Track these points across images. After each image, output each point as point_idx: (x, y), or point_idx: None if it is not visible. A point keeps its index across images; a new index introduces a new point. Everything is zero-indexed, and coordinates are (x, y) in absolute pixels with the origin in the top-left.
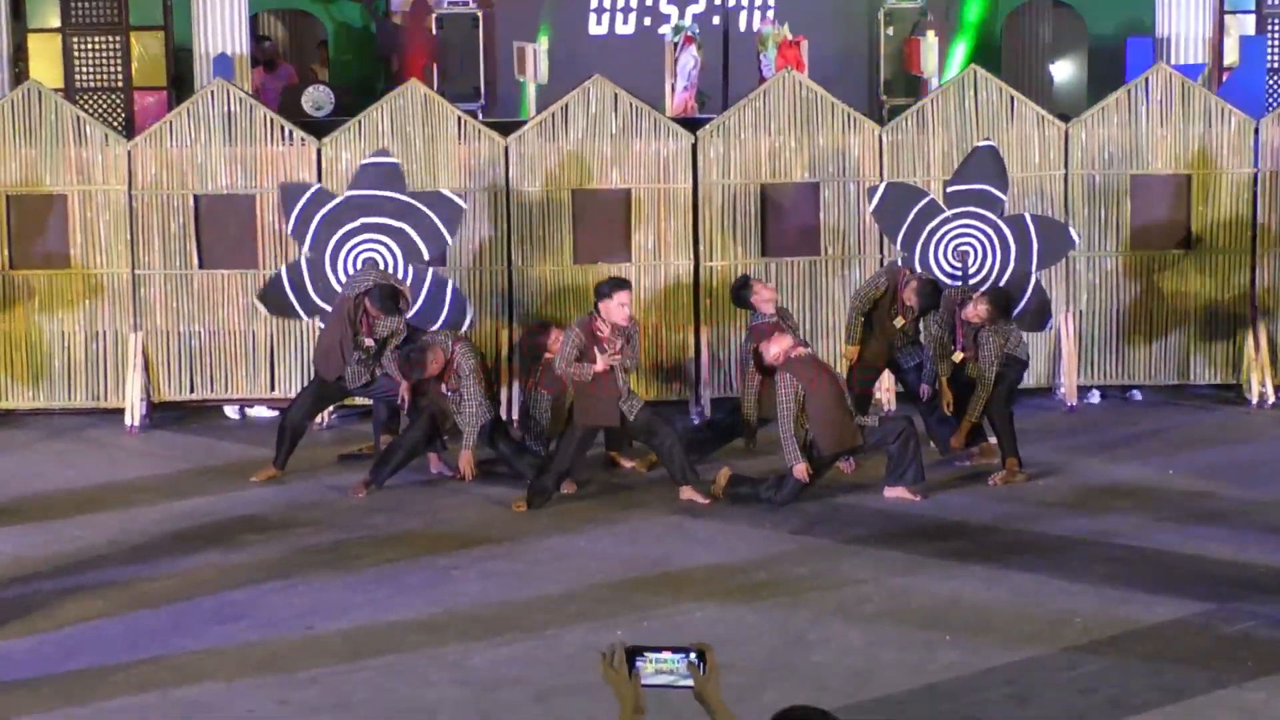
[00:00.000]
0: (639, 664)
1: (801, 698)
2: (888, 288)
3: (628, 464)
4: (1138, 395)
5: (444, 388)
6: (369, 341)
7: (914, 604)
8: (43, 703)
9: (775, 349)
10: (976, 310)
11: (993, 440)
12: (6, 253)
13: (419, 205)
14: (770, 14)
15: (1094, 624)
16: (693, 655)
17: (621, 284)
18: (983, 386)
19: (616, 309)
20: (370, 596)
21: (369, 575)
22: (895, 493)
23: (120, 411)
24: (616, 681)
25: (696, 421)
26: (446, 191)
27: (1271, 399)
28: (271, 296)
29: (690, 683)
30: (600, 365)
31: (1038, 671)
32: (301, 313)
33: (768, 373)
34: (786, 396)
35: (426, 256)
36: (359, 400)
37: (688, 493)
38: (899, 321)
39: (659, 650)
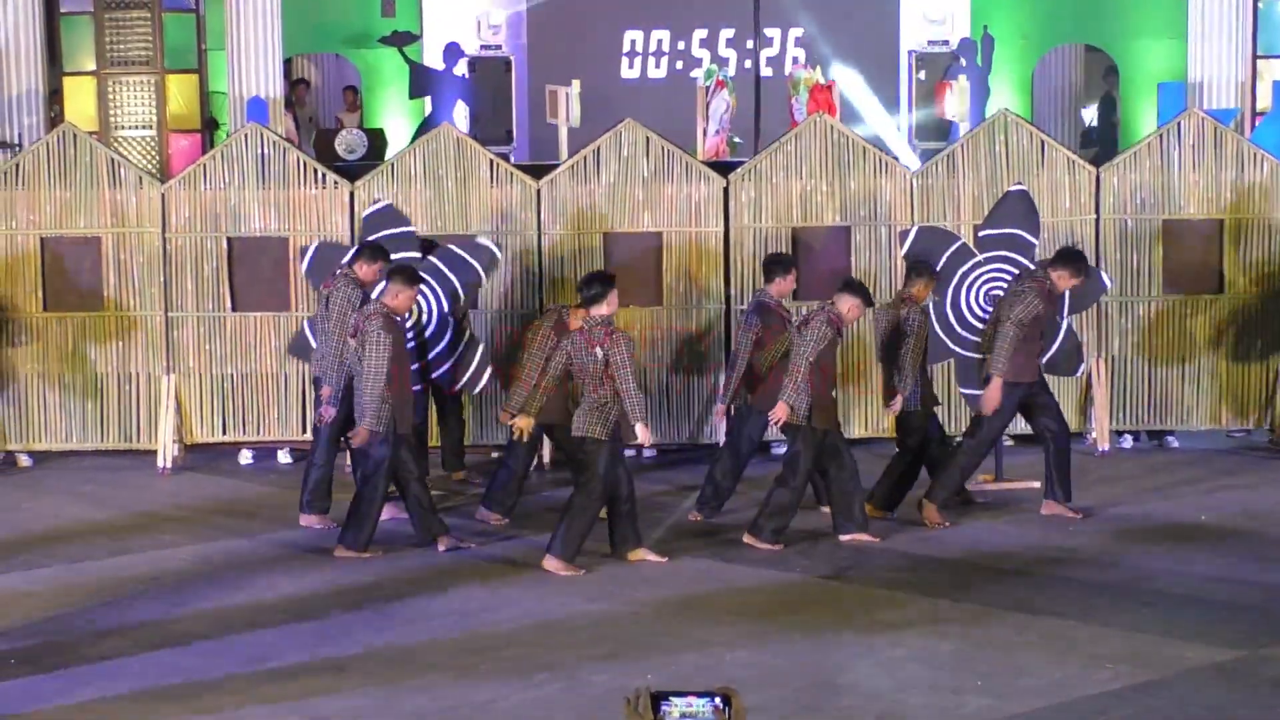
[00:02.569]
0: (665, 708)
1: None
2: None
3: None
4: (1174, 441)
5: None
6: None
7: (944, 648)
8: None
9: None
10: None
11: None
12: (41, 294)
13: (456, 250)
14: (802, 58)
15: (1125, 669)
16: (718, 699)
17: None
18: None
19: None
20: (401, 637)
21: (400, 615)
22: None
23: (153, 453)
24: None
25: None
26: (483, 239)
27: None
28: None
29: None
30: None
31: (1068, 717)
32: None
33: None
34: (818, 338)
35: (463, 299)
36: None
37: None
38: None
39: (684, 695)
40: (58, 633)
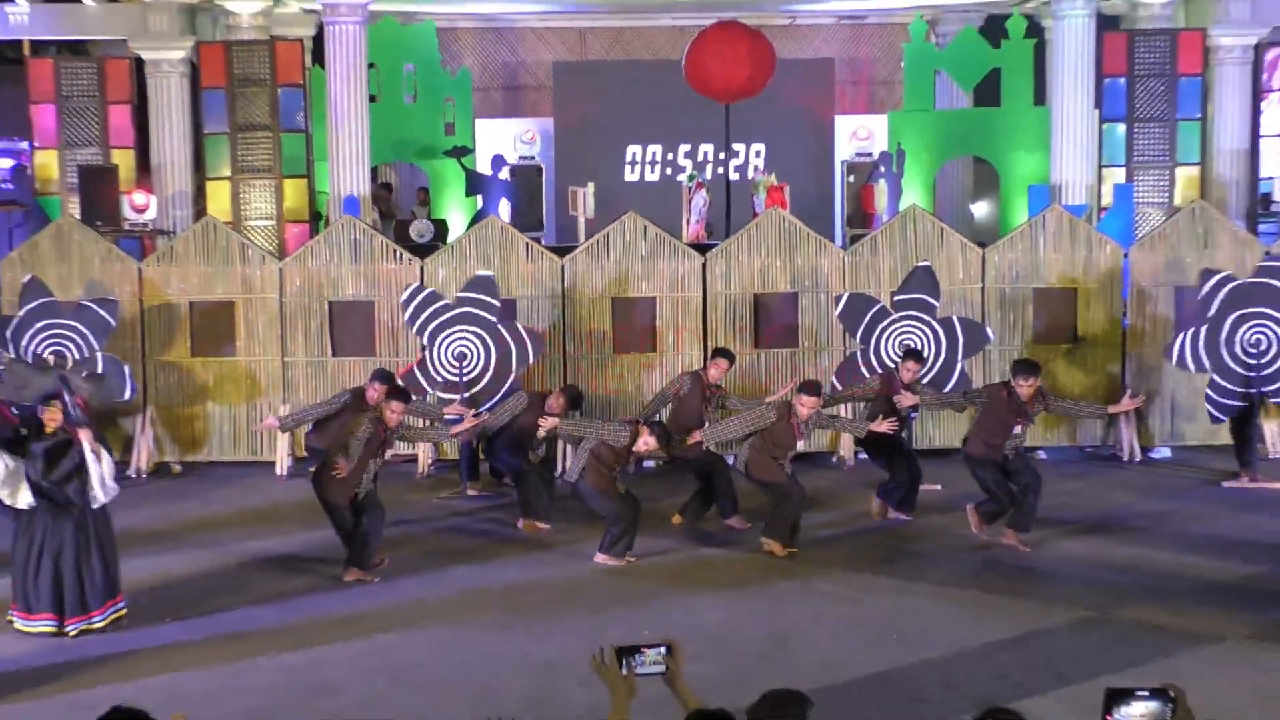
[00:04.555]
0: (640, 658)
1: (783, 682)
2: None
3: (542, 526)
4: (1044, 455)
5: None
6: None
7: (872, 612)
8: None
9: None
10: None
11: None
12: (189, 344)
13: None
14: (761, 165)
15: (1008, 625)
16: (664, 649)
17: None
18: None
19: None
20: (454, 597)
21: (454, 581)
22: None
23: (272, 464)
24: (607, 674)
25: None
26: (481, 271)
27: (1139, 455)
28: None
29: (664, 669)
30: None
31: (964, 663)
32: (428, 389)
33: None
34: (758, 415)
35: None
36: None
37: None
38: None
39: (642, 649)
40: (197, 596)
